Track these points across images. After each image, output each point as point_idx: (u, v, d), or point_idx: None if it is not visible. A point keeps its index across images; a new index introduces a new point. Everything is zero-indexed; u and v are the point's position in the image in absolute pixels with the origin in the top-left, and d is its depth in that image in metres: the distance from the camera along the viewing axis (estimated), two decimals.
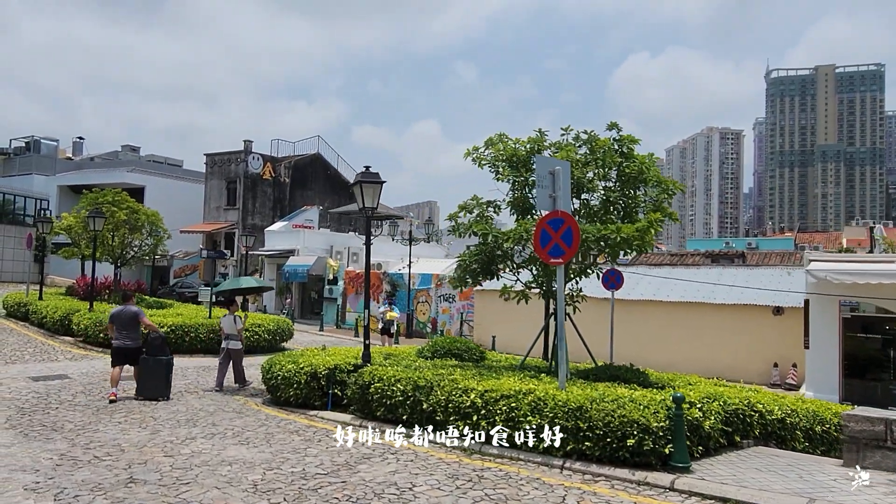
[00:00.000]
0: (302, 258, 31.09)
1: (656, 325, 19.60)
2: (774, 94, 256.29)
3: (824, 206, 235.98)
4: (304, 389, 10.44)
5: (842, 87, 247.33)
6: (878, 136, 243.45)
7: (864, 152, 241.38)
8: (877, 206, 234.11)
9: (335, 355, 11.46)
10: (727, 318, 18.67)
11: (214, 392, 12.20)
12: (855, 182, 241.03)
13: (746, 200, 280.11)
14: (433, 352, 11.95)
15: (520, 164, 10.19)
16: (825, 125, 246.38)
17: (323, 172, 42.66)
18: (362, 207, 10.22)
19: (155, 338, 11.51)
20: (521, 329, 21.95)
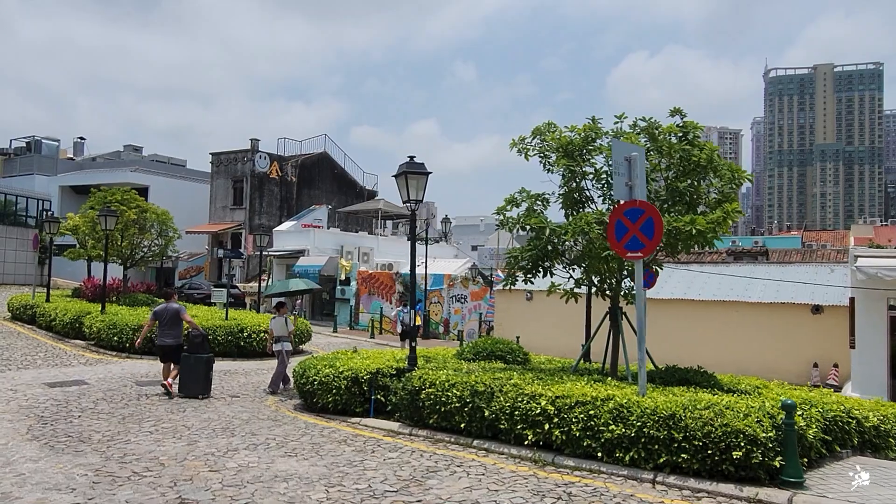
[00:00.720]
0: (312, 258, 30.42)
1: (687, 324, 18.96)
2: (773, 93, 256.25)
3: (823, 206, 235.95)
4: (345, 395, 9.78)
5: (840, 86, 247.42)
6: (877, 135, 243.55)
7: (862, 151, 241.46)
8: (875, 205, 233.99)
9: (374, 359, 10.81)
10: (762, 317, 18.05)
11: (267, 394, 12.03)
12: (854, 181, 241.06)
13: (745, 200, 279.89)
14: (475, 353, 11.30)
15: (575, 153, 9.55)
16: (824, 124, 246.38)
17: (330, 171, 41.99)
18: (407, 199, 9.56)
19: (196, 335, 11.54)
20: (545, 330, 21.37)
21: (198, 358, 11.21)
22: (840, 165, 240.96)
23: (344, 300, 28.93)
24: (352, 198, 42.68)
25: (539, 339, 20.36)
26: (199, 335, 11.56)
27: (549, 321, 21.15)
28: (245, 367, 15.65)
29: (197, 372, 11.13)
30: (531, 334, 21.51)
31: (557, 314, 21.32)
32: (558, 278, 10.39)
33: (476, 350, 11.33)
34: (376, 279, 29.57)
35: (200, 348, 11.37)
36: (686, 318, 19.09)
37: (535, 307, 21.72)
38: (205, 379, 11.20)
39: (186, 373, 11.17)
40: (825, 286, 17.58)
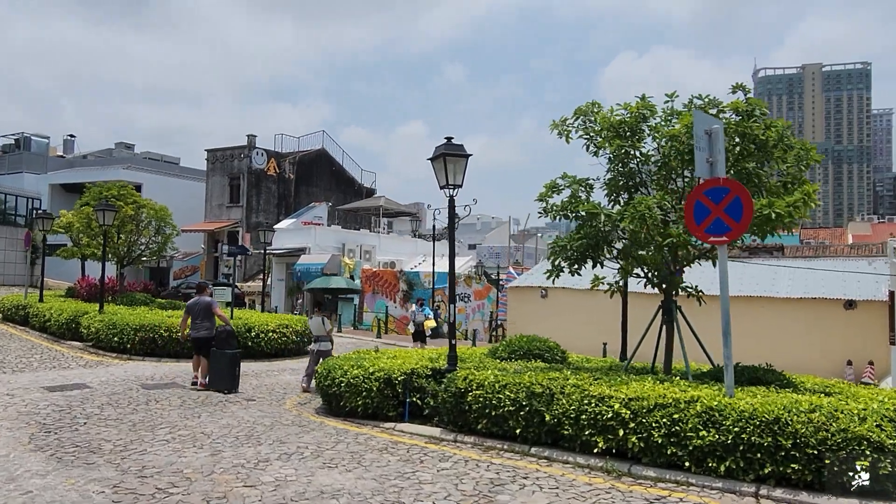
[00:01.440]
0: (314, 256, 29.53)
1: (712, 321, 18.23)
2: (762, 92, 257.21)
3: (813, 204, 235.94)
4: (376, 398, 8.97)
5: (829, 85, 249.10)
6: (865, 134, 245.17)
7: (851, 150, 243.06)
8: (864, 203, 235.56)
9: (403, 359, 10.02)
10: (792, 313, 17.40)
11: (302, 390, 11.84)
12: (843, 180, 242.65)
13: None
14: (510, 352, 10.52)
15: (627, 134, 8.80)
16: (813, 123, 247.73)
17: (328, 168, 41.07)
18: (445, 184, 8.76)
19: (222, 330, 11.55)
20: (562, 328, 20.58)
21: (224, 353, 11.22)
22: (829, 164, 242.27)
23: (348, 299, 28.05)
24: (350, 195, 41.78)
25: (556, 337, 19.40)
26: (224, 330, 11.54)
27: (565, 319, 20.42)
28: (254, 368, 14.79)
29: (224, 367, 11.16)
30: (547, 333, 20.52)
31: (575, 311, 20.64)
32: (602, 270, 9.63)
33: (512, 348, 10.54)
34: (380, 277, 28.75)
35: (227, 344, 11.36)
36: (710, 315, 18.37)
37: (551, 304, 20.99)
38: (232, 375, 11.21)
39: (214, 368, 11.23)
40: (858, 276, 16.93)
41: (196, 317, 11.53)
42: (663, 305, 9.21)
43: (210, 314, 11.57)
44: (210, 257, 37.36)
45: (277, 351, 16.58)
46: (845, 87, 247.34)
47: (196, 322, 11.53)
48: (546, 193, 9.47)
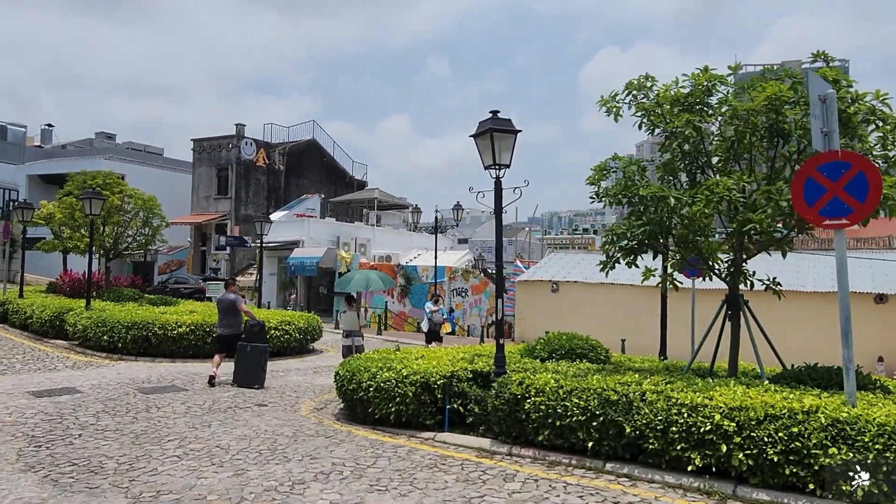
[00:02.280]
0: (308, 250, 28.38)
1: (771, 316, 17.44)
2: None
3: None
4: (412, 405, 7.99)
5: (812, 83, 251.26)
6: None
7: None
8: None
9: (436, 359, 9.04)
10: (818, 308, 16.68)
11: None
12: None
13: None
14: (550, 351, 9.57)
15: (695, 107, 7.89)
16: None
17: (318, 160, 39.82)
18: (492, 163, 7.78)
19: (253, 325, 11.31)
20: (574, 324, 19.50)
21: (255, 347, 11.01)
22: None
23: (344, 294, 26.94)
24: (341, 188, 40.61)
25: None
26: (256, 324, 11.33)
27: (578, 315, 19.56)
28: None
29: (253, 362, 10.94)
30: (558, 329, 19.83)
31: (588, 306, 19.79)
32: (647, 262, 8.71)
33: (551, 347, 9.58)
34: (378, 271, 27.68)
35: (258, 338, 11.13)
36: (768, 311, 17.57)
37: (562, 299, 20.14)
38: (260, 370, 10.97)
39: (243, 362, 10.94)
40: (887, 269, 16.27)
41: (221, 313, 11.35)
42: (728, 300, 8.32)
43: (233, 311, 11.31)
44: (197, 251, 36.00)
45: (280, 350, 15.50)
46: None
47: (222, 320, 11.35)
48: (596, 177, 8.55)
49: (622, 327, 18.08)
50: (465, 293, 31.68)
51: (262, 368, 11.08)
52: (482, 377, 8.26)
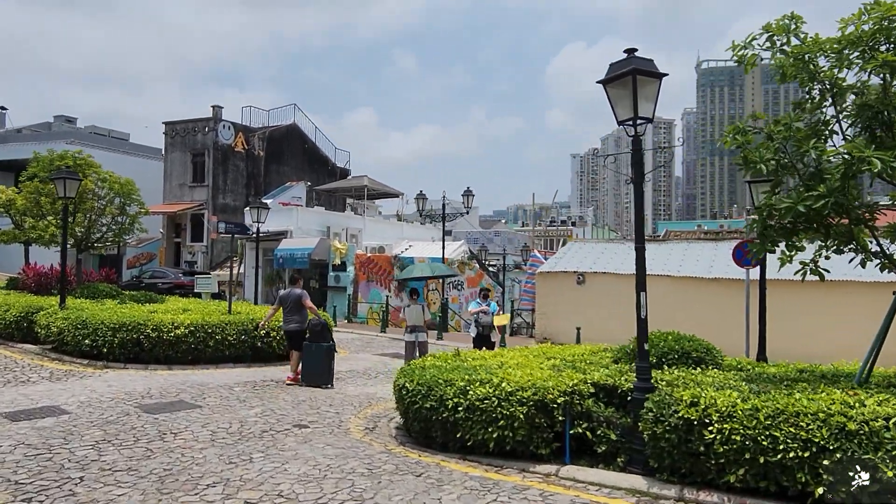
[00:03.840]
0: (297, 240, 26.22)
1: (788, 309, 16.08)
2: (705, 84, 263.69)
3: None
4: (522, 430, 6.21)
5: (766, 78, 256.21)
6: None
7: None
8: None
9: (529, 367, 7.26)
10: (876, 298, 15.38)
11: None
12: None
13: (676, 188, 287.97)
14: (658, 356, 7.86)
15: (878, 46, 6.25)
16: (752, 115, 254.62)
17: (300, 146, 37.48)
18: (633, 116, 6.00)
19: (316, 323, 11.05)
20: (602, 320, 18.03)
21: (320, 346, 10.82)
22: None
23: (339, 288, 24.94)
24: (323, 176, 38.35)
25: (594, 331, 17.15)
26: (319, 323, 11.08)
27: (608, 309, 17.95)
28: (270, 374, 11.75)
29: (320, 360, 10.74)
30: (585, 324, 18.24)
31: (620, 300, 18.12)
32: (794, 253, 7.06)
33: (660, 352, 7.87)
34: (375, 264, 25.74)
35: (322, 337, 10.91)
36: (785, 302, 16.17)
37: (590, 292, 18.48)
38: (328, 368, 10.79)
39: (309, 362, 10.78)
40: None
41: (287, 309, 11.19)
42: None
43: (300, 307, 11.16)
44: (170, 243, 33.41)
45: (282, 354, 13.52)
46: None
47: (287, 314, 11.20)
48: (738, 139, 6.88)
49: (664, 323, 16.51)
50: (461, 286, 29.99)
51: (331, 367, 10.88)
52: (609, 392, 6.52)
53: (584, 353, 9.42)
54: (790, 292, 16.16)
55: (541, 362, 7.86)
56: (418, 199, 23.36)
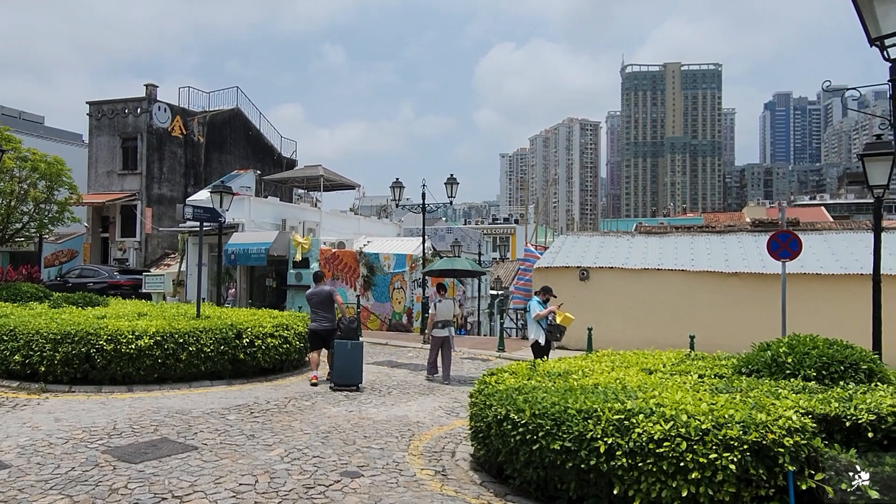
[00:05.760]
0: (250, 234, 23.40)
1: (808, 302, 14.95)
2: (629, 87, 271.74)
3: (673, 194, 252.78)
4: (728, 486, 4.28)
5: (686, 83, 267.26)
6: (717, 130, 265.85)
7: (705, 145, 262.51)
8: (716, 194, 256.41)
9: (673, 392, 5.36)
10: None
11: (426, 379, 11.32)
12: (698, 172, 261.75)
13: (601, 188, 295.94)
14: (796, 365, 6.11)
15: None
16: (673, 118, 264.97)
17: (244, 133, 34.27)
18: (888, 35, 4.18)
19: (350, 320, 10.56)
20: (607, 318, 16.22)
21: (355, 344, 10.19)
22: (687, 157, 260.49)
23: (302, 287, 22.31)
24: (269, 166, 35.28)
25: (602, 332, 15.50)
26: (352, 320, 10.62)
27: (616, 307, 16.38)
28: (262, 394, 9.38)
29: (355, 359, 10.09)
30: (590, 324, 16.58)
31: (628, 297, 16.54)
32: None
33: (818, 361, 6.13)
34: (340, 260, 23.32)
35: (354, 334, 10.41)
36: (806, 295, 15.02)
37: (594, 289, 16.82)
38: (360, 367, 10.20)
39: (343, 361, 10.06)
40: None
41: (318, 307, 10.63)
42: None
43: (331, 304, 10.64)
44: (96, 238, 29.64)
45: (276, 365, 11.17)
46: (700, 85, 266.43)
47: (317, 313, 10.62)
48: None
49: (681, 321, 15.11)
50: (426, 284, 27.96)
51: (361, 366, 10.24)
52: (828, 426, 4.69)
53: (669, 361, 7.63)
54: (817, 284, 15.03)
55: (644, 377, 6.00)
56: (394, 187, 21.08)
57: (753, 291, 15.22)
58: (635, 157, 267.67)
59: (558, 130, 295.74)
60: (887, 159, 8.05)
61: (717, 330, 14.81)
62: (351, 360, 10.03)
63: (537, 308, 10.30)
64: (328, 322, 10.61)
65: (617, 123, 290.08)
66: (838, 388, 5.64)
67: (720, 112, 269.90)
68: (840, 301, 14.75)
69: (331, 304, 10.67)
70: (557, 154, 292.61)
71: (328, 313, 10.62)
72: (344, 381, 10.05)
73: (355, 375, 10.11)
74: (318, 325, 10.61)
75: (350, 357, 10.04)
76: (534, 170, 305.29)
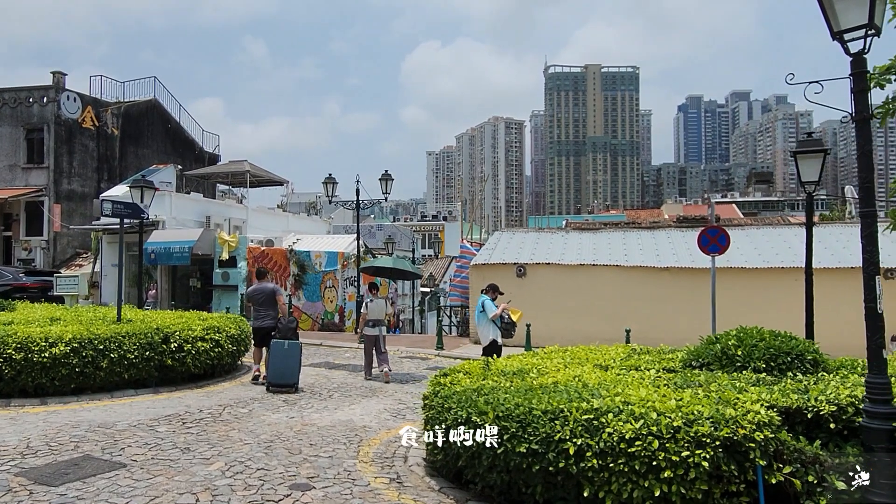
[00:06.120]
0: (173, 232, 22.15)
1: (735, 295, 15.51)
2: (552, 88, 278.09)
3: (595, 192, 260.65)
4: (700, 484, 4.22)
5: (606, 85, 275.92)
6: (635, 131, 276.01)
7: (624, 144, 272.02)
8: (635, 191, 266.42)
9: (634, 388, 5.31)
10: (822, 285, 15.27)
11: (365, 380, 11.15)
12: (618, 170, 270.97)
13: (525, 186, 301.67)
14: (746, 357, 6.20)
15: None
16: (594, 119, 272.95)
17: (162, 126, 32.52)
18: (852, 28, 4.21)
19: (289, 320, 10.39)
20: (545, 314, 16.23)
21: (292, 344, 9.96)
22: (608, 156, 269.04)
23: (229, 287, 21.38)
24: (190, 161, 33.68)
25: (537, 326, 15.59)
26: (291, 320, 10.49)
27: (554, 303, 16.49)
28: (193, 402, 8.78)
29: (293, 359, 9.87)
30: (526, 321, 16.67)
31: (566, 293, 16.69)
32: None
33: (766, 353, 6.22)
34: (269, 258, 22.48)
35: (294, 334, 10.17)
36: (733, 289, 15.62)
37: (531, 286, 16.87)
38: (298, 367, 9.95)
39: (280, 361, 9.81)
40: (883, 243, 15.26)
41: (260, 305, 10.51)
42: None
43: (273, 302, 10.49)
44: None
45: (207, 370, 10.54)
46: (619, 87, 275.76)
47: (259, 311, 10.52)
48: None
49: (616, 316, 15.37)
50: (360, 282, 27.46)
51: (299, 366, 10.01)
52: (790, 418, 4.71)
53: (618, 356, 7.64)
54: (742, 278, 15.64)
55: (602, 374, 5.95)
56: (327, 183, 20.45)
57: (684, 285, 15.68)
58: (559, 155, 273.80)
59: (484, 129, 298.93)
60: (818, 156, 8.37)
61: (651, 323, 15.16)
62: (287, 360, 9.83)
63: (493, 306, 10.13)
64: (271, 319, 10.46)
65: (541, 122, 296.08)
66: (788, 379, 5.75)
67: (638, 113, 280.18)
68: (764, 293, 15.43)
69: (274, 302, 10.50)
70: (483, 152, 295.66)
71: (272, 310, 10.47)
72: (279, 380, 9.81)
73: (291, 375, 9.87)
74: (261, 322, 10.49)
75: (286, 357, 9.85)
76: (460, 167, 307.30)
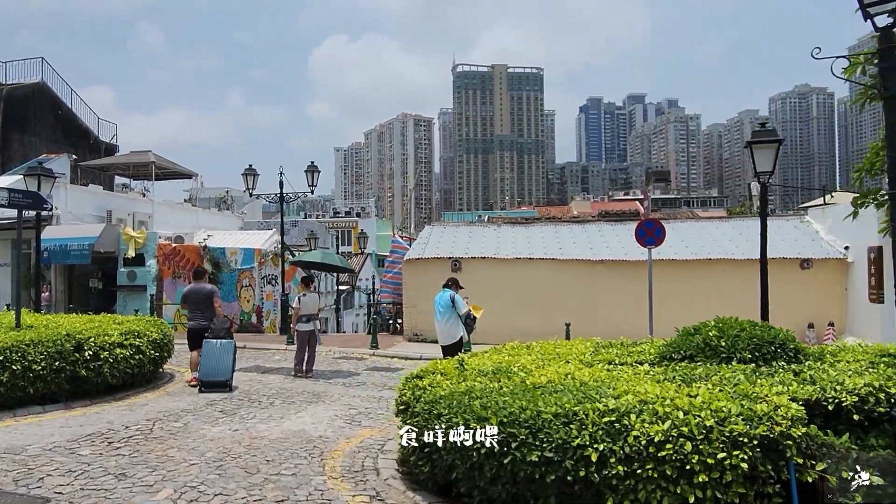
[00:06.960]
0: (69, 228, 20.01)
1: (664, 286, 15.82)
2: (460, 86, 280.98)
3: (503, 189, 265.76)
4: (736, 486, 3.90)
5: (512, 85, 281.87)
6: (540, 130, 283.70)
7: (530, 143, 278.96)
8: (541, 189, 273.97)
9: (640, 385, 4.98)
10: (748, 276, 15.86)
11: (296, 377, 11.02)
12: (525, 168, 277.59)
13: (435, 183, 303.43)
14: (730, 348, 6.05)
15: None
16: (501, 118, 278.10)
17: (52, 112, 29.57)
18: None
19: (223, 321, 10.20)
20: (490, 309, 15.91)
21: (224, 344, 9.73)
22: (514, 155, 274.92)
23: (136, 287, 19.60)
24: (84, 151, 30.84)
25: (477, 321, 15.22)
26: (224, 321, 10.28)
27: (487, 297, 16.09)
28: (116, 417, 7.72)
29: (226, 359, 9.58)
30: None
31: (503, 287, 16.39)
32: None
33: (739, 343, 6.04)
34: (181, 256, 20.86)
35: (225, 335, 9.96)
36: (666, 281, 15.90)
37: (467, 280, 16.36)
38: (232, 368, 9.69)
39: (213, 362, 9.50)
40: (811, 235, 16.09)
41: (197, 306, 10.27)
42: None
43: (211, 304, 10.23)
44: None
45: (126, 379, 9.38)
46: (525, 87, 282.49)
47: (196, 312, 10.27)
48: None
49: (554, 309, 15.28)
50: (276, 280, 26.20)
51: (233, 365, 9.77)
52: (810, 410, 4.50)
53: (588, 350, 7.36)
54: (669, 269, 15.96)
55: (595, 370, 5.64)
56: (247, 174, 19.16)
57: (618, 277, 15.83)
58: (467, 153, 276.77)
59: (393, 125, 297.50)
60: (772, 146, 8.46)
61: (587, 315, 15.18)
62: (219, 358, 9.57)
63: (463, 303, 9.64)
64: (206, 320, 10.15)
65: (449, 120, 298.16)
66: (780, 369, 5.60)
67: (542, 113, 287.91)
68: (692, 283, 15.82)
69: (211, 303, 10.22)
70: (393, 149, 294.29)
71: (208, 311, 10.20)
72: (211, 377, 9.50)
73: (224, 373, 9.55)
74: (197, 323, 10.20)
75: (219, 355, 9.60)
76: (369, 164, 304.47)
